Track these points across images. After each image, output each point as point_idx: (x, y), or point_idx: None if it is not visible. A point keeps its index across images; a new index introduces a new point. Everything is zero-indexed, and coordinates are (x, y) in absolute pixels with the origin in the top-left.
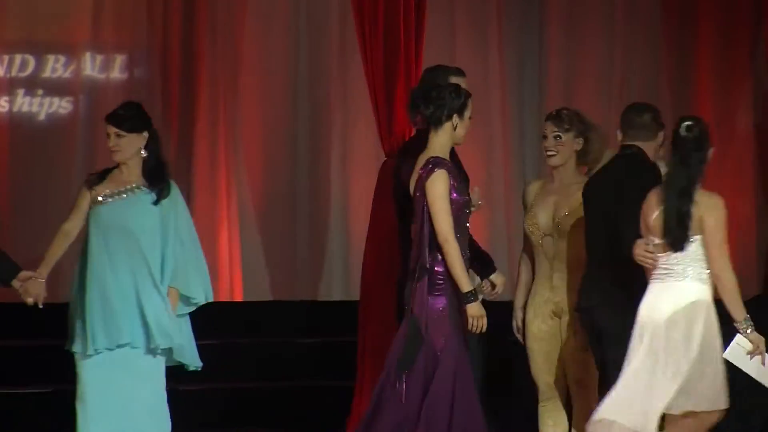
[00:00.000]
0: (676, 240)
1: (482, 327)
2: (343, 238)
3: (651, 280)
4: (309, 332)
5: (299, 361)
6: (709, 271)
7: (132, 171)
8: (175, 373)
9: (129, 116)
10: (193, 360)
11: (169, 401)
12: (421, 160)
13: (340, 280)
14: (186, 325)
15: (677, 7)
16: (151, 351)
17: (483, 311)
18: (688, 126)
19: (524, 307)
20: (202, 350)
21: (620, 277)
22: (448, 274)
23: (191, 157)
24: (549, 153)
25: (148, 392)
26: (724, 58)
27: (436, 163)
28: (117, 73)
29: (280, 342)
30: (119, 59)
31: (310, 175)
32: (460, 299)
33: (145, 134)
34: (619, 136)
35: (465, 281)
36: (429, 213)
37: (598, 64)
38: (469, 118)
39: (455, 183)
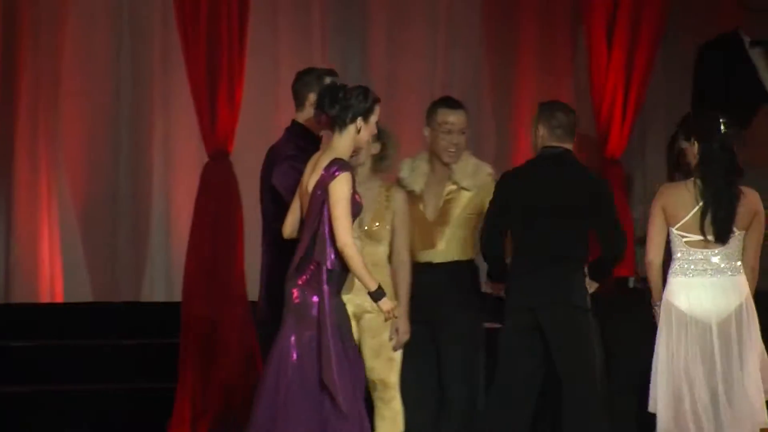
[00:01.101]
0: (725, 234)
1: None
2: (166, 238)
3: (684, 275)
4: (131, 334)
5: (121, 363)
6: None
7: None
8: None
9: None
10: None
11: None
12: (323, 160)
13: (163, 281)
14: None
15: (498, 9)
16: None
17: (394, 304)
18: (726, 123)
19: None
20: (22, 352)
21: (571, 277)
22: (337, 274)
23: (11, 156)
24: None
25: None
26: (546, 59)
27: (341, 165)
28: None
29: (101, 344)
30: None
31: (132, 175)
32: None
33: None
34: (541, 132)
35: (370, 280)
36: (329, 213)
37: (421, 66)
38: (376, 123)
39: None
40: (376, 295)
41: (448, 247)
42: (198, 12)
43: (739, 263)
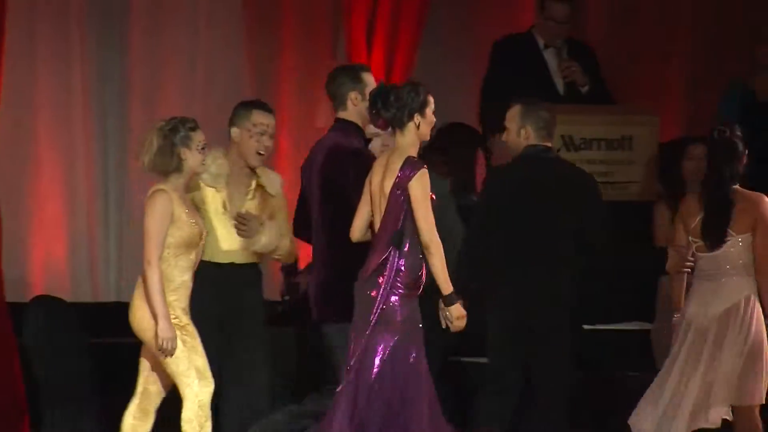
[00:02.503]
0: (716, 239)
1: (461, 328)
2: None
3: (696, 279)
4: None
5: None
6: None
7: None
8: None
9: None
10: None
11: None
12: (394, 160)
13: None
14: None
15: (259, 9)
16: None
17: (465, 312)
18: (720, 131)
19: None
20: None
21: (556, 274)
22: (409, 274)
23: None
24: None
25: None
26: (307, 57)
27: (414, 164)
28: None
29: None
30: None
31: None
32: (413, 299)
33: None
34: (527, 133)
35: (447, 282)
36: (408, 212)
37: (181, 70)
38: (432, 113)
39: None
40: (450, 300)
41: None
42: None
43: (738, 266)
